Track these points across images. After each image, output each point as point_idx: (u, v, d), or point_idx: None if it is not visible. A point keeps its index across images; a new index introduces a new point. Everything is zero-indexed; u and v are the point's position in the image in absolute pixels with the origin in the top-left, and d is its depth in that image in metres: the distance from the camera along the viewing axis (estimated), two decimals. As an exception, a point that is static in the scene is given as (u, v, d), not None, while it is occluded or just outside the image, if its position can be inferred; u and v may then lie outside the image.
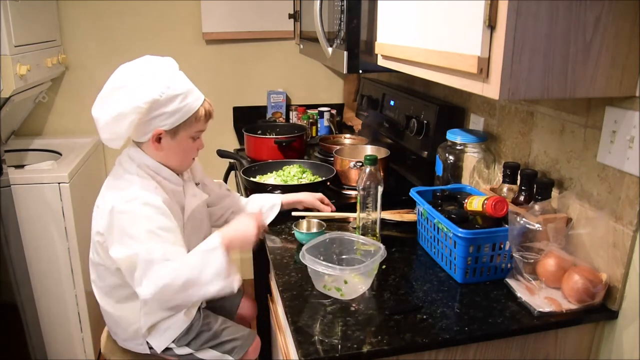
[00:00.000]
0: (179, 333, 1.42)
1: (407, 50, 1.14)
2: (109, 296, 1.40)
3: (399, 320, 1.03)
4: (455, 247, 1.16)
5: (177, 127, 1.26)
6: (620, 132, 1.02)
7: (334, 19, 1.59)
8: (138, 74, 1.22)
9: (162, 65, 1.26)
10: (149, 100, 1.19)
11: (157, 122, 1.24)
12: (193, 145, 1.33)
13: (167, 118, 1.23)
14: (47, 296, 2.08)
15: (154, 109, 1.21)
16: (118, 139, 1.26)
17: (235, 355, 1.47)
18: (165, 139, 1.27)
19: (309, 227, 1.45)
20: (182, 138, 1.28)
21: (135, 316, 1.38)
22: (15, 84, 1.88)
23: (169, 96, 1.21)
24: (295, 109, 2.72)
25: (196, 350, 1.44)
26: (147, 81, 1.20)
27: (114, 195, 1.25)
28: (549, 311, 1.04)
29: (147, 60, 1.26)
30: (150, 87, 1.20)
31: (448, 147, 1.46)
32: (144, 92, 1.19)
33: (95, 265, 1.39)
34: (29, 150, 2.40)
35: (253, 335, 1.53)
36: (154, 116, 1.23)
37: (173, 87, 1.22)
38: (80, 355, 2.20)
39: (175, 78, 1.25)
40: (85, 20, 2.53)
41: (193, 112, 1.26)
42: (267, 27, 2.67)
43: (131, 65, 1.25)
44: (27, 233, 1.99)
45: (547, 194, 1.17)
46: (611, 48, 0.89)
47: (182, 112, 1.24)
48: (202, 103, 1.29)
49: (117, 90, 1.21)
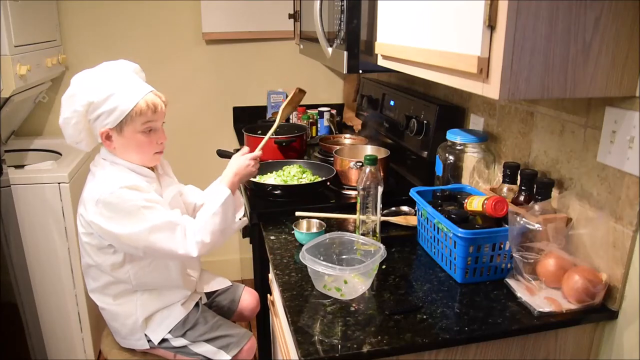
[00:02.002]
0: (174, 324, 1.46)
1: (407, 50, 1.14)
2: (105, 295, 1.45)
3: (399, 320, 1.03)
4: (455, 247, 1.16)
5: (121, 124, 1.32)
6: (620, 132, 1.02)
7: (334, 19, 1.59)
8: (80, 82, 1.32)
9: (107, 69, 1.35)
10: (84, 103, 1.29)
11: (100, 122, 1.32)
12: (147, 139, 1.36)
13: (107, 117, 1.31)
14: (47, 296, 2.08)
15: (93, 111, 1.30)
16: (79, 142, 1.37)
17: (229, 351, 1.48)
18: (113, 135, 1.34)
19: (309, 227, 1.45)
20: (130, 133, 1.33)
21: (132, 308, 1.43)
22: (15, 84, 1.88)
23: (105, 96, 1.29)
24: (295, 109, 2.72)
25: (191, 342, 1.47)
26: (87, 86, 1.30)
27: (95, 190, 1.31)
28: (549, 311, 1.04)
29: (99, 67, 1.36)
30: (87, 90, 1.29)
31: (448, 147, 1.46)
32: (82, 96, 1.29)
33: (87, 269, 1.45)
34: (29, 150, 2.39)
35: (248, 335, 1.54)
36: (94, 117, 1.31)
37: (107, 88, 1.30)
38: (80, 355, 2.20)
39: (113, 78, 1.32)
40: (85, 20, 2.53)
41: (132, 107, 1.30)
42: (267, 27, 2.67)
43: (77, 75, 1.34)
44: (27, 233, 1.99)
45: (547, 194, 1.17)
46: (611, 48, 0.89)
47: (120, 109, 1.30)
48: (142, 97, 1.32)
49: (68, 98, 1.32)
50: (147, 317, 1.45)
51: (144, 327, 1.45)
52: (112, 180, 1.30)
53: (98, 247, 1.37)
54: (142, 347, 1.48)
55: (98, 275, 1.42)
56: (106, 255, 1.37)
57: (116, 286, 1.43)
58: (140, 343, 1.46)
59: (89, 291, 1.49)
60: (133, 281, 1.41)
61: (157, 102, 1.35)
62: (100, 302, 1.46)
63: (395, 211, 1.56)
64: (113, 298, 1.44)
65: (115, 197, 1.27)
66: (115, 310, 1.45)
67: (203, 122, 2.80)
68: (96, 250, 1.37)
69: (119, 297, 1.44)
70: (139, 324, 1.44)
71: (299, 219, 1.46)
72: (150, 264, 1.41)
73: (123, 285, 1.42)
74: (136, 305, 1.44)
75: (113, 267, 1.38)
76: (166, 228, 1.30)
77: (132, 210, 1.28)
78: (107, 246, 1.36)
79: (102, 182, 1.32)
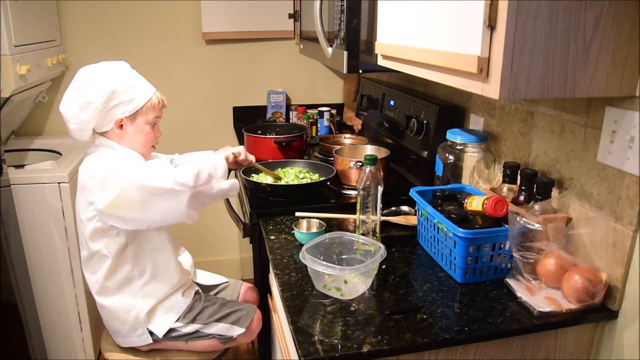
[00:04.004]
0: (180, 314, 1.50)
1: (407, 50, 1.14)
2: (106, 288, 1.47)
3: (399, 320, 1.04)
4: (455, 247, 1.16)
5: (136, 114, 1.44)
6: (620, 132, 1.02)
7: (334, 19, 1.59)
8: (98, 72, 1.40)
9: (115, 65, 1.45)
10: (109, 91, 1.38)
11: (118, 109, 1.41)
12: (151, 132, 1.49)
13: (125, 105, 1.42)
14: (47, 296, 2.08)
15: (114, 98, 1.40)
16: (85, 129, 1.43)
17: (242, 324, 1.54)
18: (126, 124, 1.44)
19: (309, 227, 1.45)
20: (141, 124, 1.46)
21: (133, 301, 1.46)
22: (15, 84, 1.88)
23: (126, 86, 1.41)
24: (295, 109, 2.72)
25: (203, 325, 1.51)
26: (106, 76, 1.40)
27: (94, 170, 1.38)
28: (549, 311, 1.04)
29: (103, 63, 1.44)
30: (109, 80, 1.39)
31: (448, 147, 1.46)
32: (105, 83, 1.38)
33: (87, 261, 1.46)
34: (29, 150, 2.39)
35: (254, 308, 1.60)
36: (114, 105, 1.40)
37: (128, 79, 1.43)
38: (80, 355, 2.20)
39: (130, 73, 1.45)
40: (85, 20, 2.53)
41: (148, 99, 1.44)
42: (267, 27, 2.67)
43: (90, 67, 1.42)
44: (27, 233, 1.99)
45: (547, 194, 1.17)
46: (611, 48, 0.89)
47: (138, 100, 1.43)
48: (154, 92, 1.47)
49: (80, 86, 1.38)
50: (149, 311, 1.46)
51: (146, 321, 1.46)
52: (113, 160, 1.40)
53: (102, 230, 1.40)
54: (144, 343, 1.49)
55: (99, 266, 1.44)
56: (109, 237, 1.41)
57: (118, 274, 1.45)
58: (143, 338, 1.48)
59: (89, 286, 1.50)
60: (133, 263, 1.44)
61: (164, 100, 1.51)
62: (101, 300, 1.47)
63: (395, 211, 1.56)
64: (114, 290, 1.46)
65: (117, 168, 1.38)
66: (117, 306, 1.46)
67: (203, 122, 2.80)
68: (100, 234, 1.40)
69: (120, 288, 1.46)
70: (141, 319, 1.45)
71: (299, 219, 1.46)
72: (150, 242, 1.46)
73: (124, 272, 1.45)
74: (137, 295, 1.46)
75: (116, 250, 1.42)
76: (155, 165, 1.46)
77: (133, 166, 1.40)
78: (110, 227, 1.39)
79: (103, 161, 1.40)
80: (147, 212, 1.36)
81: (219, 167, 1.46)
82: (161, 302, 1.49)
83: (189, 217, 1.40)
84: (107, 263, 1.43)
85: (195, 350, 1.55)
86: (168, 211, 1.37)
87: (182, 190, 1.35)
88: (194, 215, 1.41)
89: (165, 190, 1.34)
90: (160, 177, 1.35)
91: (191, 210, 1.39)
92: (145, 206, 1.34)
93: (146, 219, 1.37)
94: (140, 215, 1.36)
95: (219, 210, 2.19)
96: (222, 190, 1.46)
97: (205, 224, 2.88)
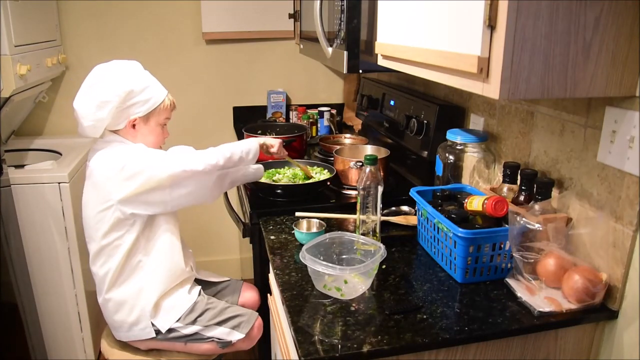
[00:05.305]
0: (183, 312, 1.50)
1: (407, 50, 1.14)
2: (113, 281, 1.46)
3: (399, 320, 1.04)
4: (455, 247, 1.16)
5: (149, 114, 1.47)
6: (620, 132, 1.02)
7: (334, 19, 1.59)
8: (114, 71, 1.42)
9: (130, 65, 1.47)
10: (126, 90, 1.40)
11: (133, 109, 1.44)
12: (161, 132, 1.53)
13: (141, 106, 1.45)
14: (47, 296, 2.08)
15: (130, 98, 1.42)
16: (99, 127, 1.44)
17: (242, 329, 1.54)
18: (139, 124, 1.47)
19: (309, 227, 1.45)
20: (153, 124, 1.50)
21: (140, 292, 1.46)
22: (15, 84, 1.88)
23: (143, 86, 1.44)
24: (295, 109, 2.72)
25: (203, 327, 1.51)
26: (122, 75, 1.42)
27: (112, 162, 1.39)
28: (549, 311, 1.04)
29: (117, 62, 1.46)
30: (126, 79, 1.41)
31: (448, 147, 1.46)
32: (122, 83, 1.40)
33: (98, 254, 1.46)
34: (29, 150, 2.39)
35: (255, 315, 1.60)
36: (130, 104, 1.43)
37: (144, 80, 1.45)
38: (81, 355, 2.20)
39: (145, 73, 1.48)
40: (85, 20, 2.53)
41: (161, 100, 1.48)
42: (267, 27, 2.67)
43: (105, 65, 1.45)
44: (27, 233, 1.99)
45: (547, 193, 1.17)
46: (611, 48, 0.89)
47: (153, 100, 1.46)
48: (167, 94, 1.51)
49: (97, 84, 1.41)
50: (155, 304, 1.46)
51: (153, 314, 1.47)
52: (130, 150, 1.43)
53: (119, 221, 1.41)
54: (147, 337, 1.48)
55: (110, 258, 1.44)
56: (124, 228, 1.42)
57: (129, 264, 1.45)
58: (147, 332, 1.48)
59: (97, 281, 1.50)
60: (144, 252, 1.46)
61: (174, 101, 1.54)
62: (110, 292, 1.46)
63: (395, 211, 1.56)
64: (124, 279, 1.46)
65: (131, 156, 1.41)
66: (126, 294, 1.46)
67: (203, 122, 2.80)
68: (116, 226, 1.41)
69: (130, 276, 1.46)
70: (148, 311, 1.46)
71: (299, 219, 1.46)
72: (159, 227, 1.47)
73: (135, 260, 1.46)
74: (146, 280, 1.46)
75: (130, 239, 1.42)
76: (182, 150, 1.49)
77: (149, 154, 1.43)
78: (129, 216, 1.40)
79: (119, 152, 1.42)
80: (174, 193, 1.40)
81: (252, 150, 1.53)
82: (166, 296, 1.49)
83: (213, 197, 1.49)
84: (119, 254, 1.43)
85: (193, 352, 1.55)
86: (193, 192, 1.43)
87: (211, 170, 1.42)
88: (217, 195, 1.50)
89: (196, 172, 1.40)
90: (191, 160, 1.40)
91: (215, 191, 1.48)
92: (171, 189, 1.39)
93: (172, 201, 1.41)
94: (168, 197, 1.40)
95: (219, 210, 2.19)
96: (247, 174, 1.57)
97: (206, 224, 2.89)
